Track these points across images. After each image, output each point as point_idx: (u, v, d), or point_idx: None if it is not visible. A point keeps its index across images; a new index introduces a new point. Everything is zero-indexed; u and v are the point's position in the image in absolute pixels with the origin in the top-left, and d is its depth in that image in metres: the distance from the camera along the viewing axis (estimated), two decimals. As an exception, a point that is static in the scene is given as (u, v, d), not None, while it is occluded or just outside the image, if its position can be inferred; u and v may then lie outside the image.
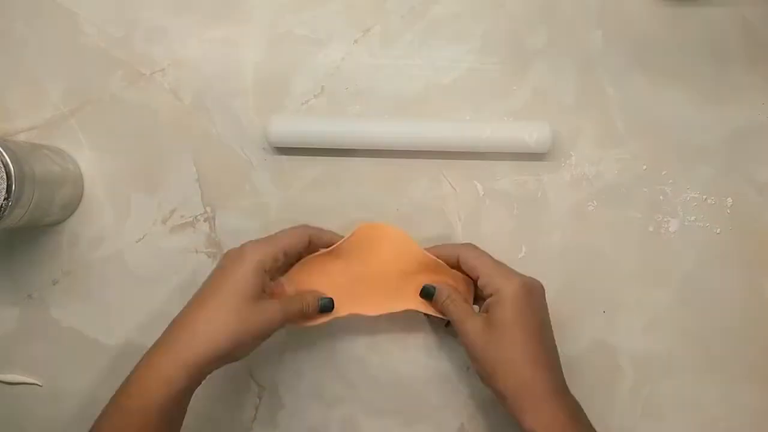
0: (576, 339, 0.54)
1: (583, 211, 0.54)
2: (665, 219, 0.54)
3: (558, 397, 0.44)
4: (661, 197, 0.54)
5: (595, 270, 0.54)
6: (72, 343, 0.55)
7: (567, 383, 0.54)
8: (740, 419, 0.54)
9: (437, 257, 0.49)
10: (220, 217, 0.55)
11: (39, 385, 0.55)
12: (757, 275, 0.54)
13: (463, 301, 0.48)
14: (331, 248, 0.50)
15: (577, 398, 0.54)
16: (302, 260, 0.50)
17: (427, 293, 0.49)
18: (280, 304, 0.46)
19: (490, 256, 0.48)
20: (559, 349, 0.53)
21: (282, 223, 0.54)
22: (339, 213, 0.54)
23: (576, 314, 0.54)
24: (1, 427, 0.55)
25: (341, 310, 0.50)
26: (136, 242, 0.55)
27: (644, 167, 0.54)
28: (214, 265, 0.54)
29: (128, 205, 0.55)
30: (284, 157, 0.55)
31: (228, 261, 0.46)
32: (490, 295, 0.46)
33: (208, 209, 0.55)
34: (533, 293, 0.46)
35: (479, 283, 0.47)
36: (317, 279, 0.50)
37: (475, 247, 0.49)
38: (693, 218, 0.54)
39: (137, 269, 0.55)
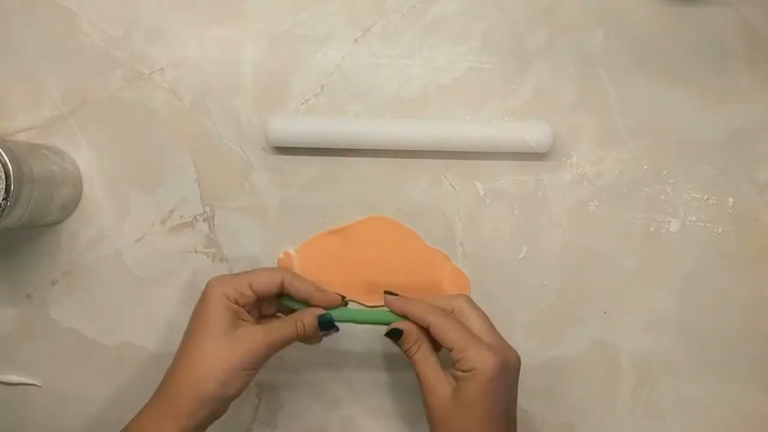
0: (576, 339, 0.54)
1: (583, 211, 0.54)
2: (666, 219, 0.54)
3: None
4: (662, 197, 0.54)
5: (595, 270, 0.54)
6: (71, 343, 0.55)
7: (568, 384, 0.54)
8: (740, 419, 0.54)
9: (409, 313, 0.45)
10: (219, 217, 0.54)
11: (38, 386, 0.55)
12: (759, 275, 0.54)
13: (431, 355, 0.45)
14: (340, 228, 0.53)
15: (577, 398, 0.54)
16: (312, 237, 0.53)
17: (393, 334, 0.46)
18: (262, 329, 0.44)
19: (462, 326, 0.44)
20: (560, 350, 0.54)
21: (282, 223, 0.54)
22: (339, 213, 0.54)
23: (577, 314, 0.54)
24: (1, 428, 0.55)
25: (343, 294, 0.52)
26: (135, 242, 0.55)
27: (645, 167, 0.54)
28: (213, 265, 0.54)
29: (127, 205, 0.55)
30: (284, 157, 0.54)
31: (198, 303, 0.45)
32: (463, 371, 0.42)
33: (208, 209, 0.55)
34: (507, 371, 0.43)
35: (452, 354, 0.43)
36: (326, 259, 0.53)
37: (448, 318, 0.44)
38: (694, 218, 0.54)
39: (136, 269, 0.55)
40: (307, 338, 0.46)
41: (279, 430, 0.54)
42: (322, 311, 0.46)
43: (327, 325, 0.46)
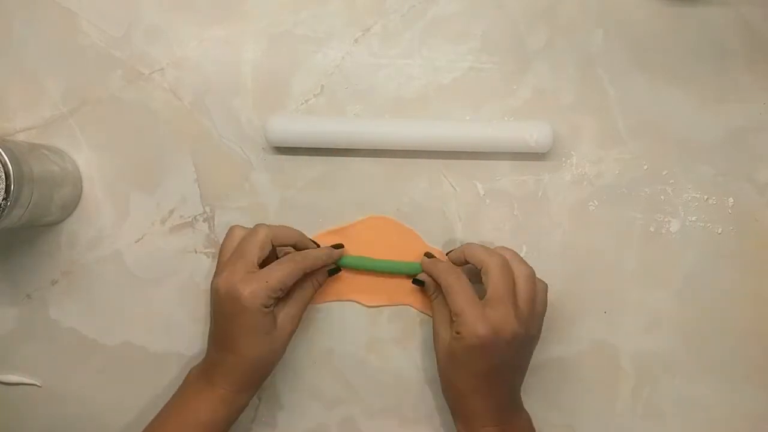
0: (577, 339, 0.54)
1: (583, 210, 0.54)
2: (666, 219, 0.54)
3: (499, 424, 0.47)
4: (662, 197, 0.54)
5: (596, 270, 0.54)
6: (71, 343, 0.55)
7: (568, 384, 0.54)
8: (740, 419, 0.54)
9: (433, 273, 0.50)
10: (219, 216, 0.54)
11: (38, 386, 0.55)
12: (758, 275, 0.54)
13: (445, 306, 0.48)
14: (340, 228, 0.54)
15: (577, 398, 0.54)
16: (312, 237, 0.53)
17: (418, 282, 0.52)
18: (293, 306, 0.49)
19: (468, 289, 0.47)
20: (560, 350, 0.54)
21: (282, 223, 0.54)
22: (339, 213, 0.54)
23: (577, 314, 0.54)
24: (1, 428, 0.55)
25: (343, 294, 0.54)
26: (135, 242, 0.55)
27: (645, 167, 0.54)
28: (213, 265, 0.54)
29: (127, 205, 0.55)
30: (284, 157, 0.54)
31: (229, 308, 0.46)
32: (455, 331, 0.46)
33: (208, 209, 0.55)
34: (496, 342, 0.45)
35: (452, 315, 0.47)
36: None
37: (459, 282, 0.47)
38: (694, 218, 0.54)
39: (136, 269, 0.55)
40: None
41: (279, 430, 0.54)
42: (331, 266, 0.52)
43: (335, 272, 0.52)
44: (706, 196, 0.54)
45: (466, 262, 0.50)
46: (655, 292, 0.54)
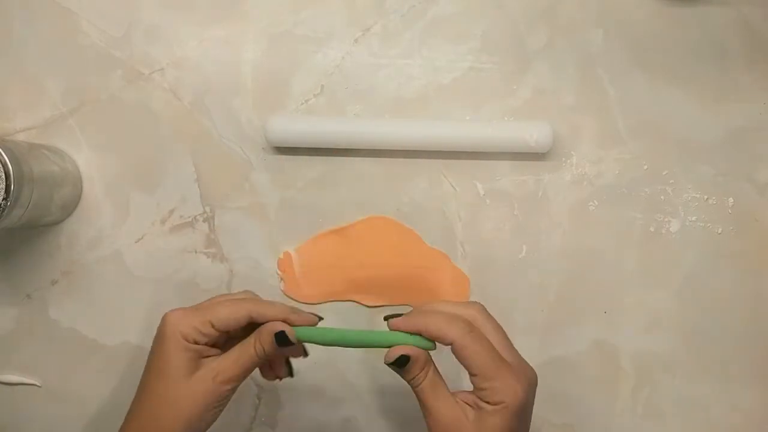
0: (577, 339, 0.54)
1: (583, 210, 0.54)
2: (666, 219, 0.54)
3: None
4: (662, 197, 0.54)
5: (595, 270, 0.54)
6: (71, 343, 0.55)
7: (568, 384, 0.54)
8: (740, 420, 0.54)
9: (424, 329, 0.39)
10: (219, 217, 0.54)
11: (38, 386, 0.55)
12: (759, 275, 0.54)
13: (440, 381, 0.39)
14: (340, 228, 0.54)
15: (577, 398, 0.54)
16: (312, 237, 0.54)
17: (399, 363, 0.39)
18: (223, 365, 0.40)
19: (489, 345, 0.38)
20: (560, 350, 0.54)
21: (282, 223, 0.54)
22: (339, 213, 0.54)
23: (577, 314, 0.54)
24: (1, 428, 0.55)
25: (343, 294, 0.54)
26: (135, 242, 0.55)
27: (645, 167, 0.54)
28: (213, 265, 0.54)
29: (127, 205, 0.55)
30: (284, 157, 0.54)
31: (155, 338, 0.40)
32: (489, 402, 0.37)
33: (208, 209, 0.55)
34: (532, 396, 0.38)
35: (475, 381, 0.38)
36: (326, 259, 0.53)
37: (474, 336, 0.38)
38: (694, 218, 0.54)
39: (136, 269, 0.55)
40: (270, 354, 0.41)
41: (279, 430, 0.54)
42: (279, 327, 0.40)
43: (283, 341, 0.40)
44: (706, 196, 0.54)
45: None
46: (655, 292, 0.54)
